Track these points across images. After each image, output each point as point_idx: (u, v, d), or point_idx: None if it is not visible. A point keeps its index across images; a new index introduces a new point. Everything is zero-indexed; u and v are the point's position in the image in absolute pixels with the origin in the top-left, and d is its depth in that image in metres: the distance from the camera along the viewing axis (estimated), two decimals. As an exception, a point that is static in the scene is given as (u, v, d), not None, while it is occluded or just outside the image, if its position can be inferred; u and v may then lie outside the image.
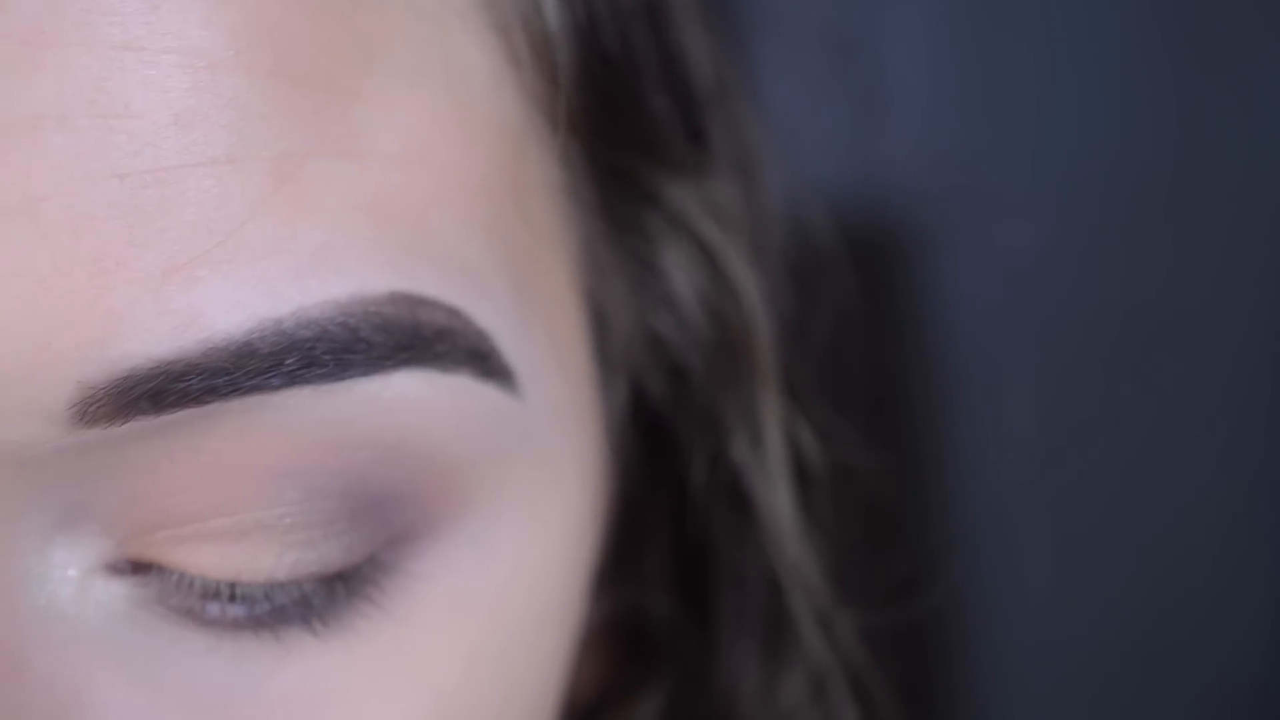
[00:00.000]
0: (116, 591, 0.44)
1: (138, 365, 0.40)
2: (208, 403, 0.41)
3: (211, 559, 0.44)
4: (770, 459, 0.57)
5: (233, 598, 0.44)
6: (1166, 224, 0.92)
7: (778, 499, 0.57)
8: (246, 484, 0.43)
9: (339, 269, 0.42)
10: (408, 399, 0.43)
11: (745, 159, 0.58)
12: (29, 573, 0.42)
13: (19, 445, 0.41)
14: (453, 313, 0.44)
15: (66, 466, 0.42)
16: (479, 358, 0.45)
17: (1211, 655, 0.96)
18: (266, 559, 0.44)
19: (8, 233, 0.39)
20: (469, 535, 0.46)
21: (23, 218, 0.39)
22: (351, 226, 0.42)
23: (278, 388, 0.41)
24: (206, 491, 0.43)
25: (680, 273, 0.56)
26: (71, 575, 0.43)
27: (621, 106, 0.53)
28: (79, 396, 0.40)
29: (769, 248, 0.59)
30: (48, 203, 0.39)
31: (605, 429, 0.53)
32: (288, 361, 0.41)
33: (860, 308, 0.64)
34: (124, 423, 0.41)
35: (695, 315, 0.56)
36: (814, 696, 0.59)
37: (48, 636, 0.43)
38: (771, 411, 0.57)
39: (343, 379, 0.42)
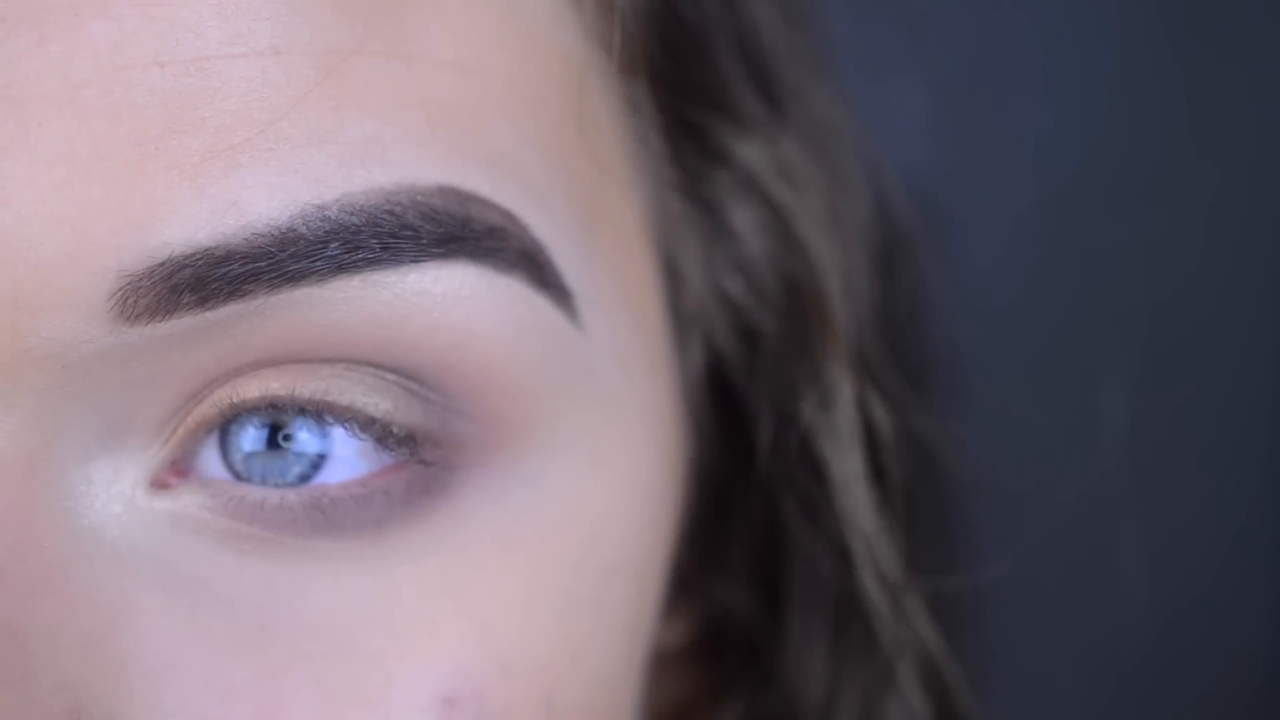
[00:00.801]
0: (158, 508, 0.43)
1: (176, 251, 0.39)
2: (251, 294, 0.40)
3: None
4: (842, 425, 0.55)
5: (259, 514, 0.43)
6: (1169, 216, 0.92)
7: (849, 466, 0.55)
8: (295, 382, 0.43)
9: (386, 160, 0.41)
10: (461, 297, 0.42)
11: (820, 127, 0.57)
12: (72, 490, 0.42)
13: (61, 344, 0.40)
14: (507, 215, 0.43)
15: (110, 374, 0.41)
16: (534, 265, 0.44)
17: (1228, 651, 0.95)
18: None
19: (47, 119, 0.39)
20: (524, 473, 0.45)
21: (63, 104, 0.39)
22: (401, 122, 0.42)
23: (324, 276, 0.41)
24: (254, 390, 0.43)
25: (751, 234, 0.55)
26: (115, 493, 0.42)
27: (688, 57, 0.52)
28: (119, 285, 0.39)
29: (846, 218, 0.58)
30: (87, 89, 0.39)
31: (680, 388, 0.52)
32: (332, 246, 0.41)
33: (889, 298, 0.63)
34: (167, 318, 0.40)
35: (766, 277, 0.55)
36: (883, 681, 0.57)
37: (91, 557, 0.42)
38: (843, 377, 0.55)
39: (391, 267, 0.41)
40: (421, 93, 0.42)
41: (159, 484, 0.43)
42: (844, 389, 0.55)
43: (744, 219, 0.55)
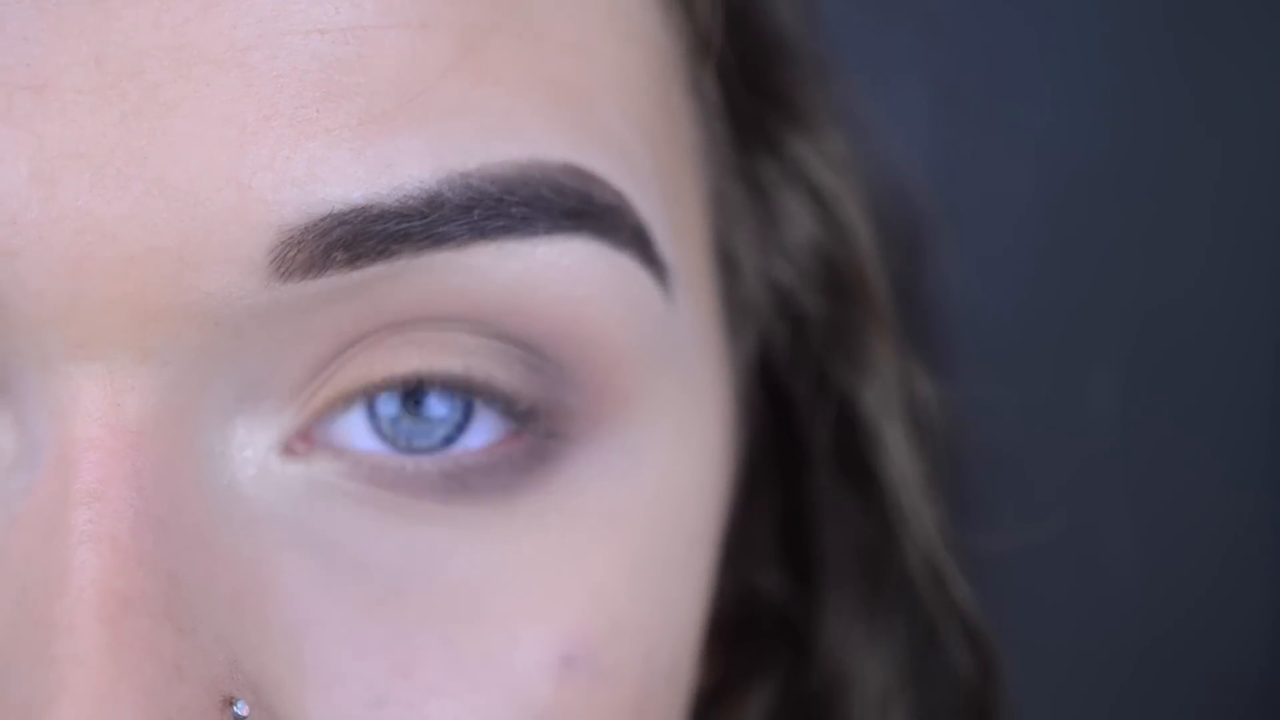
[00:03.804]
0: (292, 473, 0.44)
1: (335, 208, 0.41)
2: (397, 254, 0.42)
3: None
4: (888, 397, 0.58)
5: (399, 479, 0.45)
6: (1173, 212, 0.93)
7: (896, 436, 0.58)
8: (423, 348, 0.44)
9: (519, 136, 0.43)
10: (585, 272, 0.44)
11: (843, 120, 0.60)
12: (211, 450, 0.43)
13: (218, 299, 0.41)
14: (618, 195, 0.45)
15: (255, 333, 0.42)
16: (643, 242, 0.46)
17: (1229, 649, 0.97)
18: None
19: (215, 80, 0.40)
20: (625, 444, 0.47)
21: (229, 66, 0.41)
22: (530, 99, 0.44)
23: (464, 242, 0.42)
24: (385, 352, 0.44)
25: (796, 221, 0.57)
26: (249, 456, 0.44)
27: (748, 47, 0.55)
28: (278, 241, 0.41)
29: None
30: (253, 53, 0.41)
31: (735, 372, 0.54)
32: (475, 212, 0.42)
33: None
34: (318, 277, 0.41)
35: (812, 262, 0.57)
36: (924, 646, 0.60)
37: (230, 516, 0.43)
38: (888, 352, 0.58)
39: (525, 237, 0.43)
40: (547, 72, 0.44)
41: (290, 450, 0.44)
42: (889, 363, 0.58)
43: (790, 207, 0.57)
